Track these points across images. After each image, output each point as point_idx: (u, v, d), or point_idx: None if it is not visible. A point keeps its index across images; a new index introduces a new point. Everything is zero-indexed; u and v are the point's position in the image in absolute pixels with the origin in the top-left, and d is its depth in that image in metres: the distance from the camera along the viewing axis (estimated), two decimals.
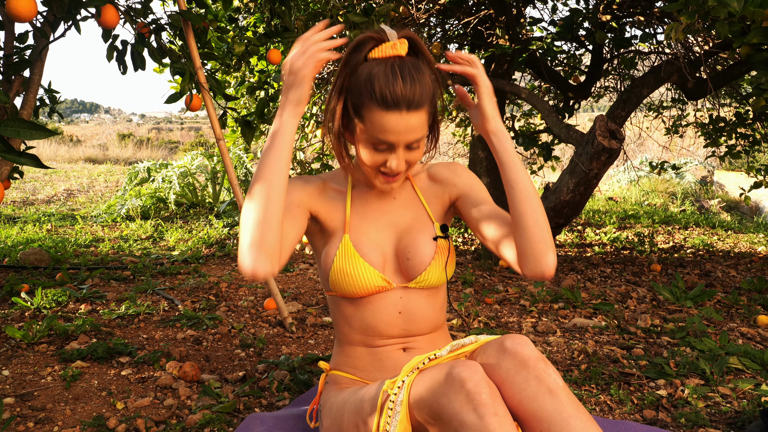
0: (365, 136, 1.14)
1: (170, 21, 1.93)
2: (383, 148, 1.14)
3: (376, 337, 1.26)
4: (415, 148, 1.15)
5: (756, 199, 8.03)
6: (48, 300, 2.61)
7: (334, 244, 1.24)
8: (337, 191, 1.29)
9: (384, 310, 1.24)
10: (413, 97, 1.09)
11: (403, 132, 1.11)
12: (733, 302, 2.87)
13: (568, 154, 9.86)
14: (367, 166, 1.18)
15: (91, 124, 39.40)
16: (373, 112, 1.10)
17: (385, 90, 1.08)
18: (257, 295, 2.91)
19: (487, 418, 0.91)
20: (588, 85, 4.15)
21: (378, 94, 1.08)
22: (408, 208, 1.29)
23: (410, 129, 1.11)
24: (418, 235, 1.25)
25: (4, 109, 1.57)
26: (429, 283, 1.24)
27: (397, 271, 1.25)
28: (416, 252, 1.23)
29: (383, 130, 1.10)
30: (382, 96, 1.08)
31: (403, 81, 1.08)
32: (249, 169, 6.06)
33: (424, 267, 1.23)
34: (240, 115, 2.33)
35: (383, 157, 1.15)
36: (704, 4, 1.93)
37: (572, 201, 3.05)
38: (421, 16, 3.18)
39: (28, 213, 5.68)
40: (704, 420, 1.65)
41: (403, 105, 1.09)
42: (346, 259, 1.21)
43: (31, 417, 1.63)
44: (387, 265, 1.25)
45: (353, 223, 1.26)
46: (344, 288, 1.22)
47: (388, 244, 1.26)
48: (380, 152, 1.14)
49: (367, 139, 1.14)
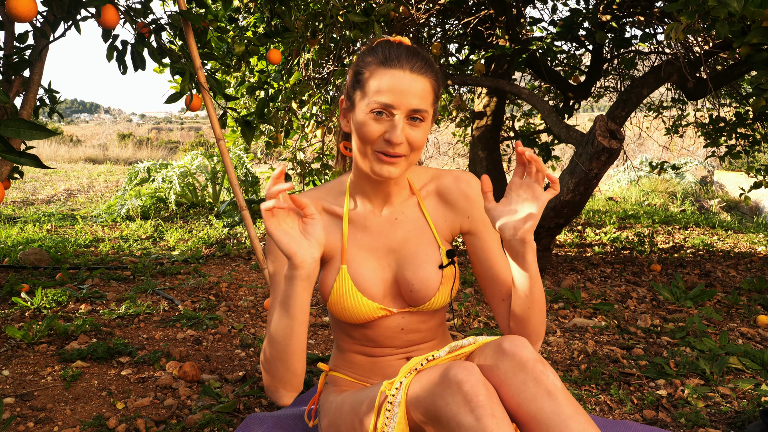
0: (364, 106, 1.07)
1: (170, 21, 1.93)
2: (383, 115, 1.06)
3: (377, 348, 1.25)
4: (417, 125, 1.07)
5: (756, 199, 8.03)
6: (48, 300, 2.60)
7: (330, 274, 1.18)
8: (332, 215, 1.20)
9: (386, 329, 1.22)
10: (416, 59, 1.06)
11: (405, 93, 1.04)
12: (733, 302, 2.87)
13: (568, 154, 9.86)
14: (364, 146, 1.09)
15: (91, 124, 39.42)
16: (373, 71, 1.06)
17: (386, 50, 1.07)
18: (257, 295, 2.91)
19: (485, 419, 0.91)
20: (588, 85, 4.15)
21: (380, 53, 1.06)
22: (412, 231, 1.20)
23: (413, 93, 1.05)
24: (422, 264, 1.18)
25: (4, 109, 1.57)
26: (433, 308, 1.21)
27: (399, 296, 1.20)
28: (421, 284, 1.17)
29: (383, 89, 1.05)
30: (383, 54, 1.06)
31: (407, 48, 1.08)
32: (249, 169, 6.06)
33: (429, 297, 1.18)
34: (240, 115, 2.33)
35: (383, 128, 1.06)
36: (704, 4, 1.93)
37: (572, 201, 3.05)
38: (421, 16, 3.18)
39: (28, 213, 5.68)
40: (704, 420, 1.65)
41: (405, 63, 1.05)
42: (343, 292, 1.16)
43: (31, 417, 1.63)
44: (387, 293, 1.19)
45: (351, 251, 1.18)
46: (343, 317, 1.19)
47: (389, 272, 1.19)
48: (380, 122, 1.06)
49: (366, 109, 1.06)
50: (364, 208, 1.20)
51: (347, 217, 1.19)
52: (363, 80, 1.08)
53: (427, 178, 1.24)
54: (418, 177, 1.24)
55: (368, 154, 1.09)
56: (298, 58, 3.42)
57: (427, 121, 1.10)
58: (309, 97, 3.72)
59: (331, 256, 1.19)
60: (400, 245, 1.19)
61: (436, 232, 1.21)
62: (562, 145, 7.47)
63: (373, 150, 1.09)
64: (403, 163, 1.10)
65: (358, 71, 1.11)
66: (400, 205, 1.21)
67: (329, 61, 3.57)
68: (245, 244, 4.16)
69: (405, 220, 1.21)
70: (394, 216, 1.20)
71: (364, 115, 1.08)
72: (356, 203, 1.21)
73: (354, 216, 1.20)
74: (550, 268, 3.55)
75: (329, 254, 1.19)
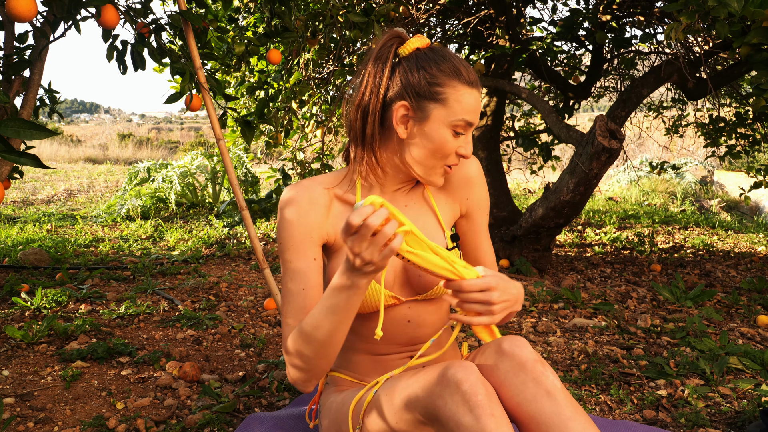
0: (444, 120, 1.09)
1: (170, 21, 1.93)
2: (460, 131, 1.11)
3: (381, 345, 1.24)
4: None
5: (756, 199, 8.03)
6: (48, 300, 2.61)
7: (341, 262, 1.17)
8: (343, 203, 1.20)
9: (392, 320, 1.21)
10: (476, 75, 1.12)
11: (478, 111, 1.11)
12: (733, 302, 2.87)
13: (568, 154, 9.86)
14: (435, 159, 1.12)
15: (91, 124, 39.42)
16: (459, 91, 1.09)
17: (467, 70, 1.10)
18: (257, 295, 2.91)
19: (484, 419, 0.90)
20: (588, 85, 4.15)
21: (464, 73, 1.09)
22: (419, 217, 1.22)
23: (479, 109, 1.13)
24: None
25: (4, 109, 1.57)
26: (440, 292, 1.21)
27: (407, 283, 1.21)
28: None
29: (469, 110, 1.09)
30: (467, 75, 1.09)
31: (465, 64, 1.12)
32: (249, 169, 6.07)
33: (437, 281, 1.18)
34: (240, 115, 2.33)
35: (458, 143, 1.11)
36: (704, 4, 1.93)
37: (572, 201, 3.05)
38: (421, 16, 3.18)
39: (28, 213, 5.68)
40: (704, 420, 1.65)
41: (479, 84, 1.12)
42: None
43: (31, 417, 1.63)
44: (397, 280, 1.20)
45: None
46: None
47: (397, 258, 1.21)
48: (457, 136, 1.11)
49: (448, 124, 1.09)
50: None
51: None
52: (443, 93, 1.09)
53: None
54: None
55: (437, 167, 1.14)
56: (298, 58, 3.42)
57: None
58: (309, 97, 3.72)
59: (342, 245, 1.19)
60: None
61: (441, 216, 1.23)
62: (562, 145, 7.47)
63: (444, 164, 1.13)
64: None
65: (434, 82, 1.09)
66: (409, 193, 1.24)
67: (329, 61, 3.57)
68: (245, 244, 4.16)
69: (413, 207, 1.23)
70: (403, 204, 1.22)
71: (443, 129, 1.10)
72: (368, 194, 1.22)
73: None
74: (550, 268, 3.55)
75: (340, 243, 1.19)
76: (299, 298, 1.13)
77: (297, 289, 1.13)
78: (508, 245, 3.53)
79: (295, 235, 1.13)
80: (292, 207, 1.14)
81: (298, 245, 1.13)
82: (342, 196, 1.20)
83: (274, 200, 5.15)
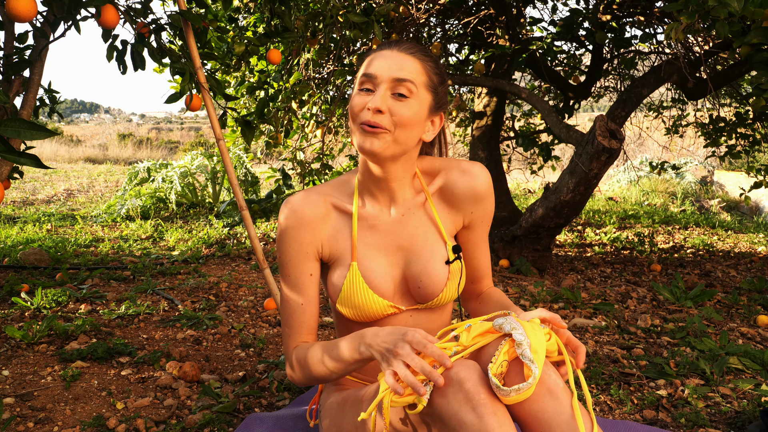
0: (355, 89, 1.12)
1: (170, 21, 1.93)
2: (368, 86, 1.09)
3: None
4: (402, 100, 1.07)
5: (756, 199, 8.03)
6: (48, 300, 2.60)
7: (340, 273, 1.19)
8: (341, 213, 1.20)
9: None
10: (407, 42, 1.12)
11: (389, 66, 1.08)
12: (733, 302, 2.87)
13: (568, 154, 9.86)
14: (353, 122, 1.11)
15: (91, 124, 39.42)
16: (367, 54, 1.15)
17: (383, 44, 1.14)
18: (257, 295, 2.91)
19: (486, 417, 0.90)
20: (588, 85, 4.15)
21: (378, 45, 1.14)
22: (419, 227, 1.20)
23: (398, 65, 1.08)
24: (429, 260, 1.18)
25: (4, 109, 1.57)
26: (441, 303, 1.21)
27: (407, 294, 1.20)
28: (428, 280, 1.17)
29: (370, 64, 1.11)
30: (380, 44, 1.13)
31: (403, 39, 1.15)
32: (249, 169, 6.07)
33: (437, 293, 1.18)
34: (240, 115, 2.33)
35: (367, 100, 1.08)
36: (704, 4, 1.93)
37: (572, 201, 3.05)
38: (421, 16, 3.18)
39: (28, 213, 5.68)
40: (704, 420, 1.65)
41: (394, 45, 1.12)
42: (354, 290, 1.16)
43: (31, 417, 1.63)
44: (397, 290, 1.20)
45: (361, 249, 1.18)
46: (352, 315, 1.19)
47: (397, 269, 1.19)
48: (364, 93, 1.09)
49: (356, 89, 1.12)
50: (372, 207, 1.20)
51: (356, 215, 1.20)
52: (360, 64, 1.15)
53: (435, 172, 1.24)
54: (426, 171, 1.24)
55: (356, 130, 1.10)
56: (298, 58, 3.42)
57: (416, 98, 1.09)
58: (309, 97, 3.72)
59: (341, 254, 1.19)
60: (407, 242, 1.20)
61: (442, 227, 1.21)
62: (562, 145, 7.47)
63: (359, 123, 1.08)
64: (386, 138, 1.08)
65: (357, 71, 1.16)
66: (408, 203, 1.21)
67: (329, 61, 3.57)
68: (245, 244, 4.16)
69: (412, 217, 1.20)
70: (401, 213, 1.20)
71: (354, 94, 1.12)
72: (365, 202, 1.21)
73: (363, 214, 1.20)
74: (550, 268, 3.55)
75: (339, 252, 1.19)
76: (298, 312, 1.19)
77: (295, 302, 1.19)
78: (508, 245, 3.53)
79: (291, 252, 1.18)
80: (287, 223, 1.17)
81: (294, 261, 1.18)
82: (339, 205, 1.20)
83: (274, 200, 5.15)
